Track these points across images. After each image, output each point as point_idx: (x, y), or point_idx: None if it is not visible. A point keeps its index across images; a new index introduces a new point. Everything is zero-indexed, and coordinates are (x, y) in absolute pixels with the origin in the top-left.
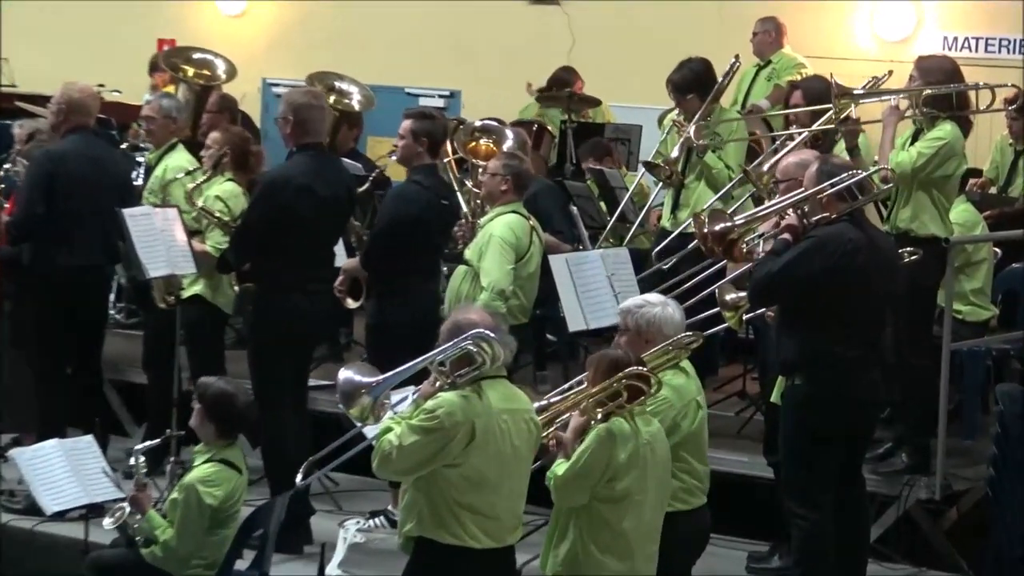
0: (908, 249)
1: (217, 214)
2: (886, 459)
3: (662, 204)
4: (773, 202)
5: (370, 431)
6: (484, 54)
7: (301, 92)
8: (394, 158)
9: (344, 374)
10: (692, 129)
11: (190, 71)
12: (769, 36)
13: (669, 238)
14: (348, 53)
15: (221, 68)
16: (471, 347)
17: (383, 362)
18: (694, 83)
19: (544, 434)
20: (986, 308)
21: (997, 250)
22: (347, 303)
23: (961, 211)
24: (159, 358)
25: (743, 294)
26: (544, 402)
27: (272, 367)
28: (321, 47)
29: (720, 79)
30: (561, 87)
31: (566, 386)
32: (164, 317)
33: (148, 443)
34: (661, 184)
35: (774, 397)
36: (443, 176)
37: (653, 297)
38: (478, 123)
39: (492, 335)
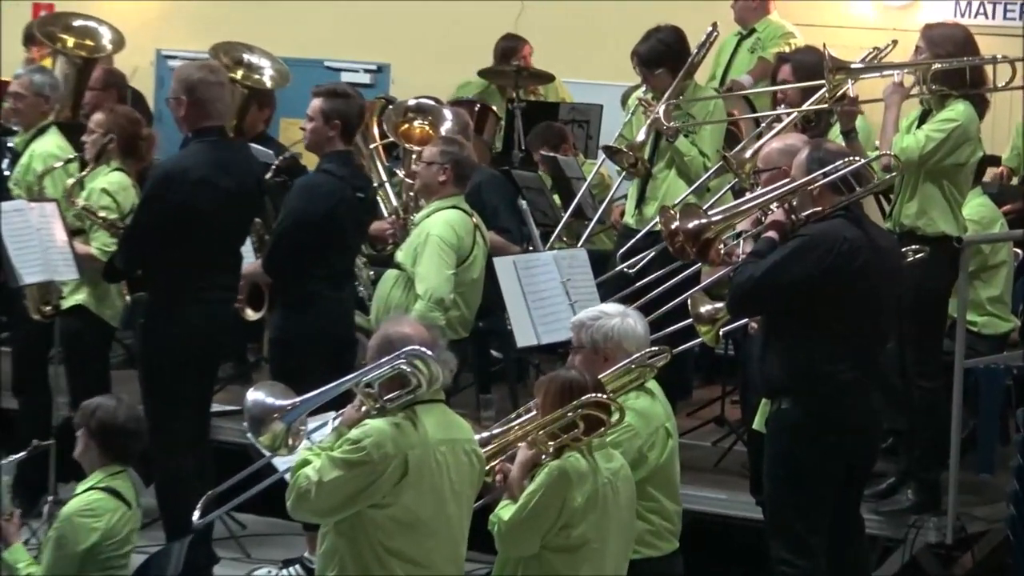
0: (912, 247)
1: (102, 212)
2: (889, 496)
3: (625, 197)
4: (755, 194)
5: (283, 463)
6: (417, 21)
7: (196, 66)
8: (304, 144)
9: (253, 396)
10: (661, 109)
11: (70, 41)
12: (753, 1)
13: (636, 238)
14: (258, 20)
15: (107, 38)
16: (404, 366)
17: (288, 383)
18: (664, 55)
19: (488, 467)
20: (1005, 319)
21: (1018, 251)
22: (247, 314)
23: (976, 205)
24: (32, 380)
25: (720, 305)
26: (487, 434)
27: (168, 390)
28: (226, 13)
29: (694, 51)
30: (507, 58)
31: (513, 415)
32: (39, 331)
33: (13, 457)
34: (624, 173)
35: (757, 424)
36: (361, 164)
37: (610, 307)
38: (411, 102)
39: (429, 352)
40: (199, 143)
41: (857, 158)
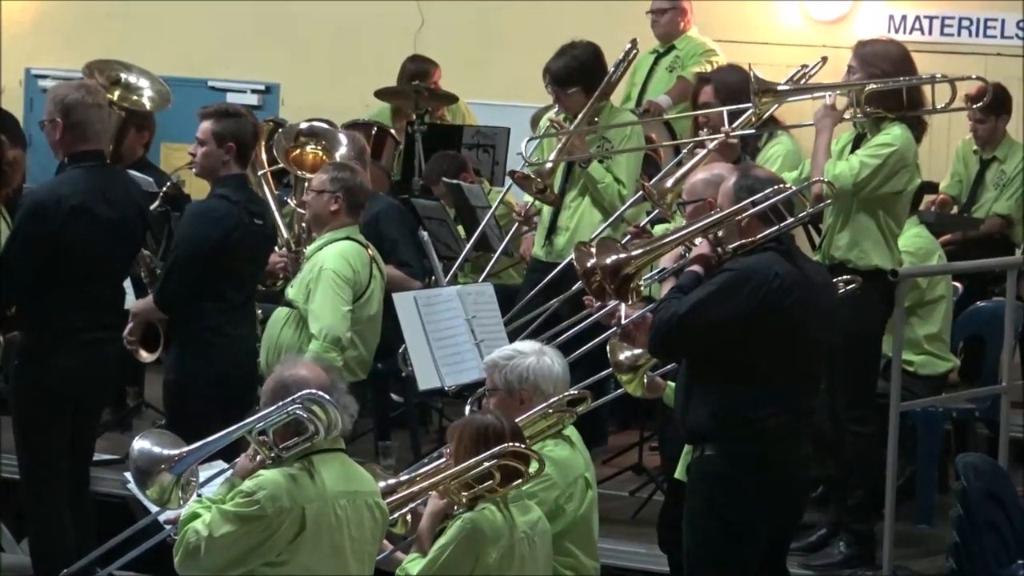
0: (844, 278)
1: None
2: (819, 549)
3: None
4: (679, 227)
5: (171, 518)
6: (309, 37)
7: (73, 86)
8: (194, 171)
9: (139, 445)
10: (573, 133)
11: None
12: (671, 15)
13: (551, 274)
14: (136, 36)
15: None
16: (300, 412)
17: (185, 429)
18: (578, 74)
19: (393, 517)
20: (944, 358)
21: (958, 285)
22: (140, 355)
23: (912, 236)
24: None
25: (640, 351)
26: (393, 481)
27: (42, 439)
28: (101, 28)
29: (611, 69)
30: (415, 81)
31: (427, 460)
32: None
33: None
34: (533, 201)
35: (679, 472)
36: (256, 189)
37: (525, 345)
38: (303, 125)
39: (326, 397)
40: (76, 169)
41: (788, 185)
